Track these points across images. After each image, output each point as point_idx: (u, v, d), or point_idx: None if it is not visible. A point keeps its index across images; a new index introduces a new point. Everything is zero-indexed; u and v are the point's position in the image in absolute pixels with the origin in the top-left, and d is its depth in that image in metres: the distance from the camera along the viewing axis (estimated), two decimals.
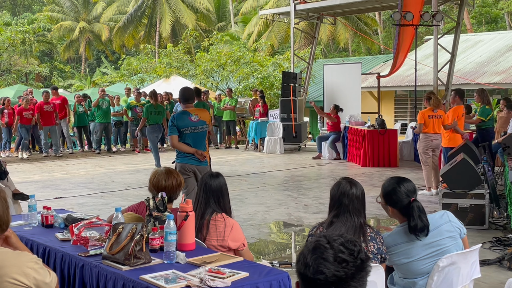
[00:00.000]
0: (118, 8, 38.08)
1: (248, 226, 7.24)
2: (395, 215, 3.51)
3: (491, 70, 20.42)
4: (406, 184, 3.44)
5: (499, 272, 5.26)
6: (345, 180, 3.44)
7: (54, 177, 11.69)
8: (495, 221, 7.12)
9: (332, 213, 3.42)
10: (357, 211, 3.37)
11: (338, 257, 1.73)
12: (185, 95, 6.54)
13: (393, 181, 3.48)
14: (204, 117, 6.48)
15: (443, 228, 3.46)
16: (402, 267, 3.49)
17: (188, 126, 6.30)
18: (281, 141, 15.92)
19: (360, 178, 10.88)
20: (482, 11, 33.24)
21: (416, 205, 3.37)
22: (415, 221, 3.34)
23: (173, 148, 6.64)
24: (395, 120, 22.27)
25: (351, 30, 29.48)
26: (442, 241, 3.43)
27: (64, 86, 34.56)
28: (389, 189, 3.46)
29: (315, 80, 23.59)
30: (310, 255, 1.77)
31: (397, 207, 3.44)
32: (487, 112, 10.62)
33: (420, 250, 3.41)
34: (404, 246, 3.43)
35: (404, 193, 3.40)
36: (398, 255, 3.44)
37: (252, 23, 30.57)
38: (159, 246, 3.45)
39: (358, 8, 18.00)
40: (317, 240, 1.80)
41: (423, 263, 3.42)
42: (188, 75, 23.68)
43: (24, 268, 2.43)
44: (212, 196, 3.80)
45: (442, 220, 3.50)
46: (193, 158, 6.33)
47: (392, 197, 3.44)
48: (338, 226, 3.33)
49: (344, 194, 3.37)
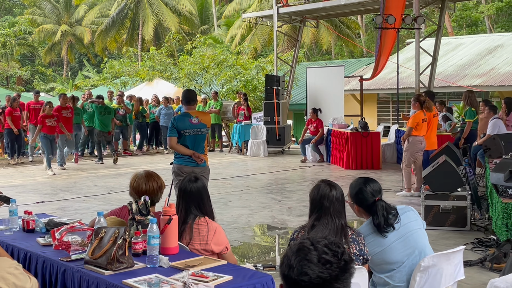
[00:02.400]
0: (100, 11, 37.84)
1: (232, 229, 7.23)
2: (361, 213, 3.64)
3: (472, 72, 20.65)
4: (372, 184, 3.59)
5: (481, 273, 5.30)
6: (324, 183, 3.47)
7: (35, 181, 11.57)
8: (477, 223, 7.19)
9: (313, 216, 3.43)
10: (338, 213, 3.39)
11: (322, 258, 1.73)
12: (187, 97, 6.53)
13: (360, 181, 3.63)
14: (205, 120, 6.49)
15: (408, 215, 3.61)
16: (377, 259, 3.52)
17: (188, 128, 6.30)
18: (264, 144, 15.93)
19: (343, 180, 10.92)
20: (463, 14, 33.60)
21: (380, 204, 3.51)
22: (379, 219, 3.48)
23: (171, 149, 6.64)
24: (377, 122, 22.39)
25: (333, 33, 29.62)
26: (409, 224, 3.56)
27: (46, 89, 34.25)
28: (356, 188, 3.60)
29: (298, 83, 23.66)
30: (294, 256, 1.76)
31: (363, 206, 3.59)
32: (473, 114, 10.78)
33: (390, 235, 3.49)
34: (374, 236, 3.52)
35: (369, 192, 3.54)
36: (371, 245, 3.50)
37: (235, 26, 30.59)
38: (142, 250, 3.42)
39: (341, 12, 18.12)
40: (301, 242, 1.81)
41: (395, 248, 3.48)
42: (171, 78, 23.60)
43: (4, 274, 2.39)
44: (192, 201, 3.77)
45: (406, 209, 3.67)
46: (190, 160, 6.32)
47: (358, 196, 3.58)
48: (320, 229, 3.34)
49: (324, 197, 3.39)
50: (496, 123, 9.97)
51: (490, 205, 7.13)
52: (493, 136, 9.09)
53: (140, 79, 23.55)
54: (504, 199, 6.06)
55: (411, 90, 15.96)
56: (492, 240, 6.18)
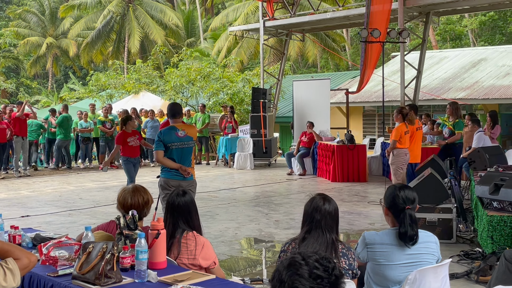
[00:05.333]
0: (86, 23, 37.74)
1: (219, 243, 7.21)
2: (388, 217, 3.64)
3: (456, 86, 20.88)
4: (407, 192, 3.58)
5: (467, 286, 5.33)
6: (319, 196, 3.47)
7: (20, 195, 11.47)
8: (463, 235, 7.24)
9: (304, 229, 3.43)
10: (329, 227, 3.39)
11: (313, 273, 1.74)
12: (173, 110, 6.54)
13: (398, 185, 3.66)
14: (191, 133, 6.50)
15: (429, 246, 3.57)
16: (378, 270, 3.51)
17: (175, 142, 6.30)
18: (251, 157, 15.94)
19: (330, 193, 10.94)
20: (447, 28, 34.02)
21: (409, 213, 3.49)
22: (405, 228, 3.46)
23: (158, 163, 6.62)
24: (363, 135, 22.53)
25: (319, 46, 29.81)
26: (424, 255, 3.52)
27: (31, 102, 33.98)
28: (390, 191, 3.63)
29: (285, 96, 23.75)
30: (285, 271, 1.77)
31: (392, 210, 3.58)
32: (462, 125, 10.88)
33: (401, 256, 3.48)
34: (388, 247, 3.50)
35: (401, 198, 3.53)
36: (379, 254, 3.49)
37: (222, 39, 30.67)
38: (130, 265, 3.40)
39: (326, 25, 18.28)
40: (292, 257, 1.82)
41: (400, 270, 3.47)
42: (157, 91, 23.57)
43: None
44: (180, 215, 3.75)
45: (430, 238, 3.62)
46: (177, 173, 6.32)
47: (390, 199, 3.58)
48: (311, 242, 3.34)
49: (316, 210, 3.40)
50: (481, 136, 10.09)
51: (476, 218, 7.19)
52: (477, 149, 9.19)
53: (126, 91, 23.48)
54: (489, 212, 6.12)
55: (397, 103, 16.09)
56: (478, 252, 6.22)
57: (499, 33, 34.06)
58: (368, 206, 9.80)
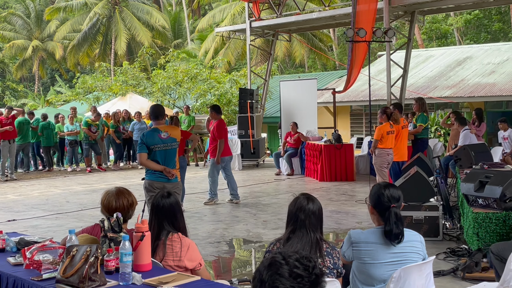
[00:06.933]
0: (72, 26, 37.52)
1: (207, 244, 7.20)
2: (373, 216, 3.64)
3: (442, 84, 21.00)
4: (392, 190, 3.60)
5: (454, 283, 5.36)
6: (303, 196, 3.48)
7: (6, 199, 11.38)
8: (449, 232, 7.28)
9: (288, 229, 3.44)
10: (314, 227, 3.39)
11: (293, 272, 1.75)
12: (155, 112, 6.50)
13: (383, 184, 3.67)
14: (174, 135, 6.45)
15: (414, 244, 3.59)
16: (363, 268, 3.52)
17: (158, 144, 6.27)
18: (239, 158, 15.93)
19: (317, 192, 10.97)
20: (432, 27, 34.23)
21: (394, 211, 3.50)
22: (391, 226, 3.47)
23: (142, 166, 6.57)
24: (351, 134, 22.60)
25: (306, 46, 29.88)
26: (409, 254, 3.54)
27: (17, 105, 33.76)
28: (375, 189, 3.64)
29: (272, 96, 23.77)
30: (266, 271, 1.78)
31: (377, 209, 3.59)
32: (426, 119, 10.89)
33: (386, 255, 3.49)
34: (373, 246, 3.50)
35: (386, 196, 3.55)
36: (364, 253, 3.50)
37: (209, 40, 30.64)
38: (115, 267, 3.38)
39: (313, 25, 18.30)
40: (273, 257, 1.82)
41: (385, 269, 3.47)
42: (144, 93, 23.50)
43: None
44: (165, 217, 3.74)
45: (416, 237, 3.63)
46: (161, 175, 6.29)
47: (375, 197, 3.60)
48: (295, 241, 3.35)
49: (300, 209, 3.40)
50: (467, 134, 10.17)
51: (462, 215, 7.24)
52: (463, 147, 9.26)
53: (113, 94, 23.40)
54: (475, 209, 6.16)
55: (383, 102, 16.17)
56: (464, 249, 6.26)
57: (484, 32, 34.33)
58: (356, 205, 9.83)
